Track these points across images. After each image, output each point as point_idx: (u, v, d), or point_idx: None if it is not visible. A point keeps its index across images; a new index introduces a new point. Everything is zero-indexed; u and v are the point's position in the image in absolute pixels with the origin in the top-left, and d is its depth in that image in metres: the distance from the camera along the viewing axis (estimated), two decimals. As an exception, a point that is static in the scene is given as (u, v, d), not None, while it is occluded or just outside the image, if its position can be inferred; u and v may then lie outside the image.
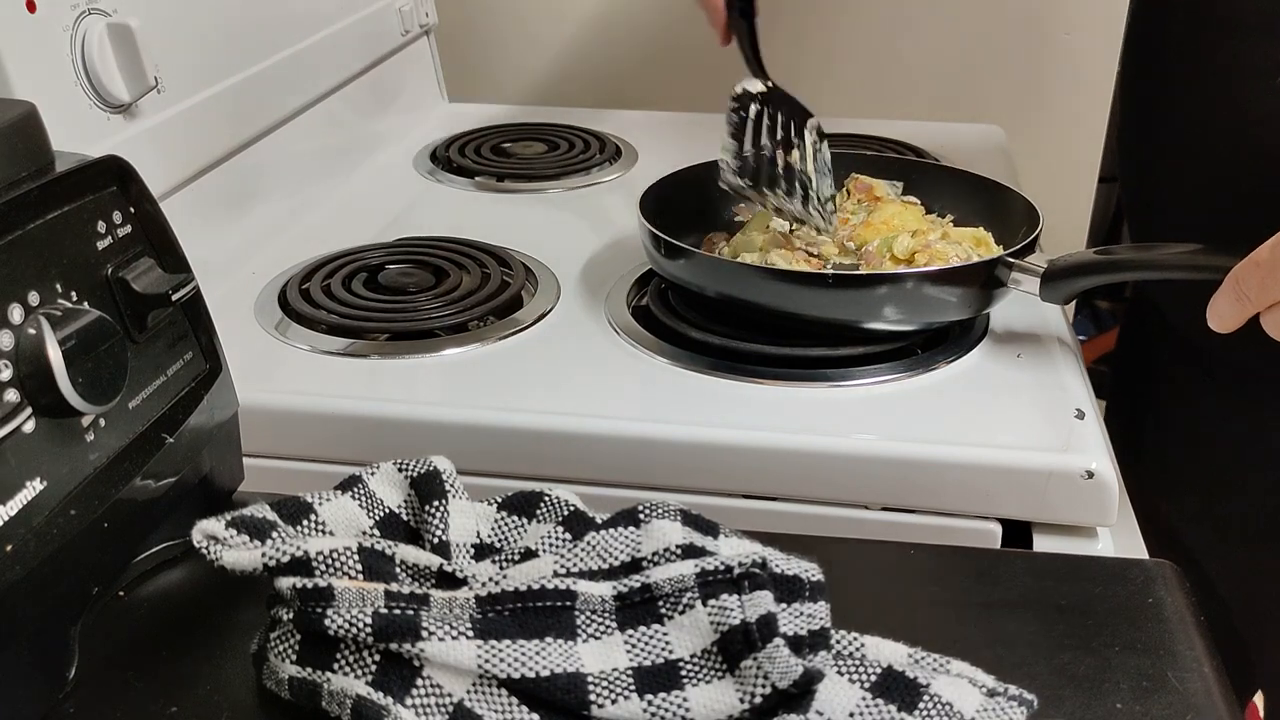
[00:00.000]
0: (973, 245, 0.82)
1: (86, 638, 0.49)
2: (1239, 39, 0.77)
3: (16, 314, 0.44)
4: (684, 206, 0.87)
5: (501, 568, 0.50)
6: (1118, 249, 0.75)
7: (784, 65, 1.47)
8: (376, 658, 0.44)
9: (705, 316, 0.79)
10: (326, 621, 0.44)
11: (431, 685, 0.44)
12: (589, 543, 0.50)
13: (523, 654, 0.44)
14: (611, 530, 0.50)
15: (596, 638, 0.46)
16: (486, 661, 0.44)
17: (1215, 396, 0.88)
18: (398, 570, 0.48)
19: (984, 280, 0.76)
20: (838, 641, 0.47)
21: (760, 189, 0.83)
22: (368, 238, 0.94)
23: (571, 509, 0.52)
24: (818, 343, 0.75)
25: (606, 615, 0.46)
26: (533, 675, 0.44)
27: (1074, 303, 1.76)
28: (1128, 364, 1.02)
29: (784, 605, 0.47)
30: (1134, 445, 0.97)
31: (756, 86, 0.86)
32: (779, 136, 0.85)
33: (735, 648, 0.44)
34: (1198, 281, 0.67)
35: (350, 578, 0.46)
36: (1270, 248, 0.62)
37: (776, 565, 0.48)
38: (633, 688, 0.44)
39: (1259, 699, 1.01)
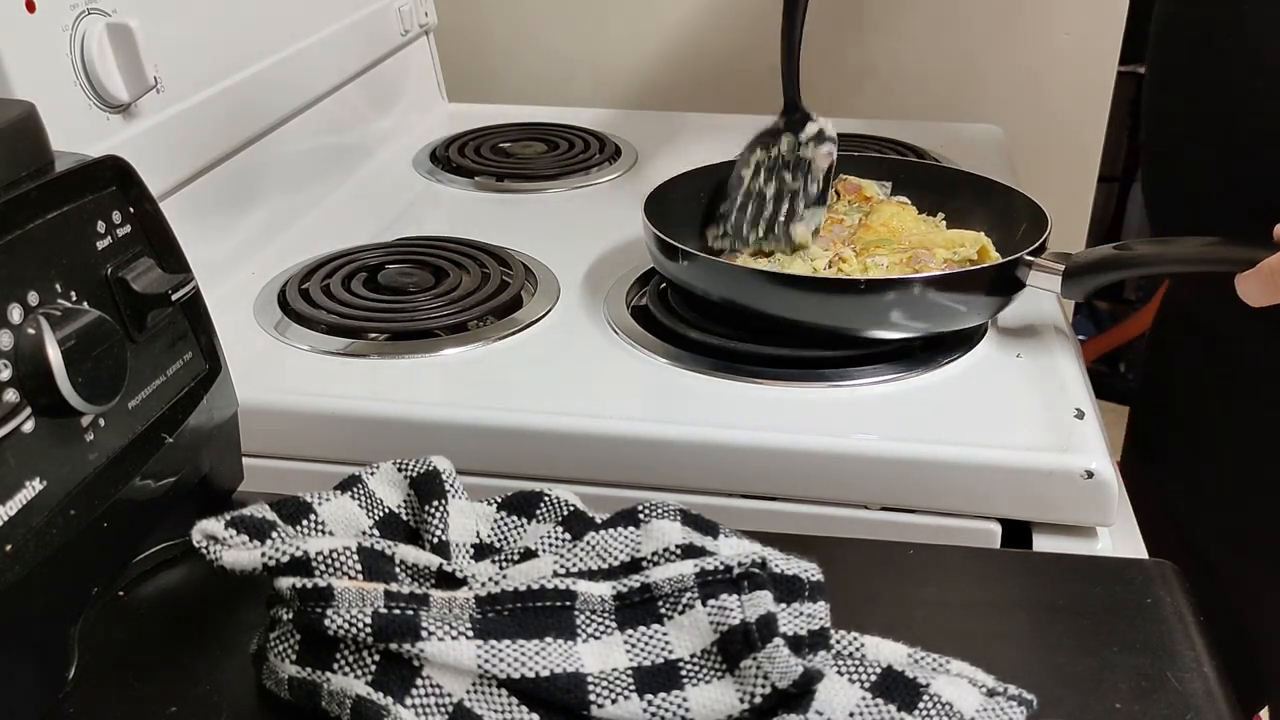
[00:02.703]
0: (959, 245, 0.82)
1: (86, 638, 0.49)
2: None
3: (16, 314, 0.44)
4: (687, 208, 0.87)
5: (501, 568, 0.50)
6: (1136, 243, 0.75)
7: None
8: (376, 658, 0.44)
9: (704, 317, 0.79)
10: (326, 621, 0.44)
11: (431, 685, 0.44)
12: (589, 543, 0.50)
13: (522, 654, 0.44)
14: (611, 530, 0.50)
15: (596, 638, 0.46)
16: (486, 661, 0.44)
17: (1242, 402, 0.86)
18: (397, 570, 0.48)
19: (1004, 282, 0.76)
20: (837, 641, 0.47)
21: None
22: (367, 238, 0.94)
23: (571, 509, 0.52)
24: (817, 343, 0.75)
25: (606, 615, 0.46)
26: (532, 675, 0.44)
27: (1073, 303, 1.76)
28: (1155, 368, 1.00)
29: (784, 605, 0.47)
30: (1155, 450, 0.96)
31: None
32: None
33: (735, 648, 0.44)
34: (1221, 275, 0.68)
35: (350, 578, 0.46)
36: None
37: (776, 565, 0.48)
38: (632, 688, 0.44)
39: (1265, 714, 0.99)
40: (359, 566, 0.47)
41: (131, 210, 0.52)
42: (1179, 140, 0.86)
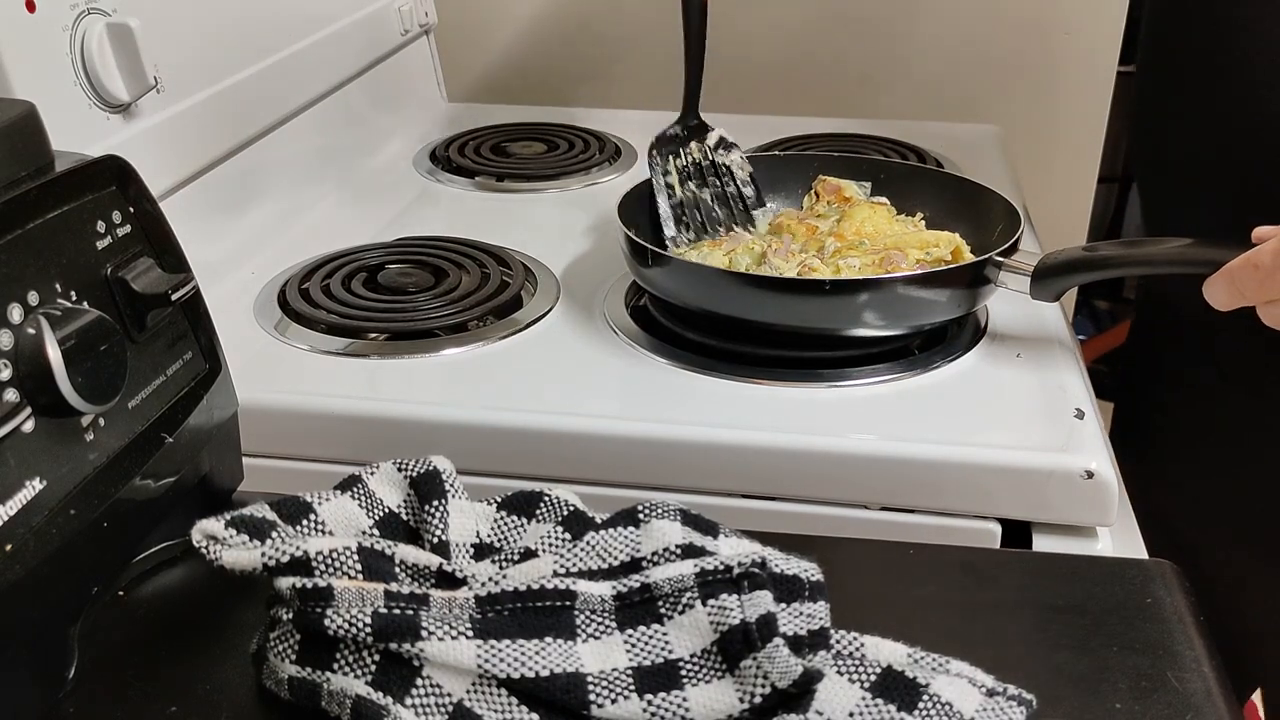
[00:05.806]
0: (933, 246, 0.81)
1: (86, 638, 0.49)
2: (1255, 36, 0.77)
3: (16, 314, 0.44)
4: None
5: (501, 568, 0.50)
6: (1106, 245, 0.75)
7: (784, 65, 1.47)
8: (376, 658, 0.44)
9: (701, 317, 0.78)
10: (326, 621, 0.44)
11: (431, 685, 0.44)
12: (589, 542, 0.50)
13: (522, 654, 0.44)
14: (611, 530, 0.50)
15: (596, 638, 0.46)
16: (486, 661, 0.44)
17: (1226, 394, 0.87)
18: (397, 570, 0.48)
19: (972, 280, 0.75)
20: (837, 641, 0.47)
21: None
22: (367, 238, 0.94)
23: (571, 509, 0.52)
24: (816, 343, 0.75)
25: (606, 615, 0.46)
26: (532, 675, 0.44)
27: (1073, 302, 1.76)
28: (1138, 363, 1.02)
29: (784, 605, 0.47)
30: (1140, 443, 0.97)
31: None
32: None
33: (735, 647, 0.44)
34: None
35: (350, 578, 0.46)
36: (1272, 253, 0.62)
37: (776, 565, 0.48)
38: (632, 687, 0.44)
39: (1257, 696, 1.00)
40: (359, 566, 0.47)
41: (131, 210, 0.52)
42: (1173, 127, 0.86)
